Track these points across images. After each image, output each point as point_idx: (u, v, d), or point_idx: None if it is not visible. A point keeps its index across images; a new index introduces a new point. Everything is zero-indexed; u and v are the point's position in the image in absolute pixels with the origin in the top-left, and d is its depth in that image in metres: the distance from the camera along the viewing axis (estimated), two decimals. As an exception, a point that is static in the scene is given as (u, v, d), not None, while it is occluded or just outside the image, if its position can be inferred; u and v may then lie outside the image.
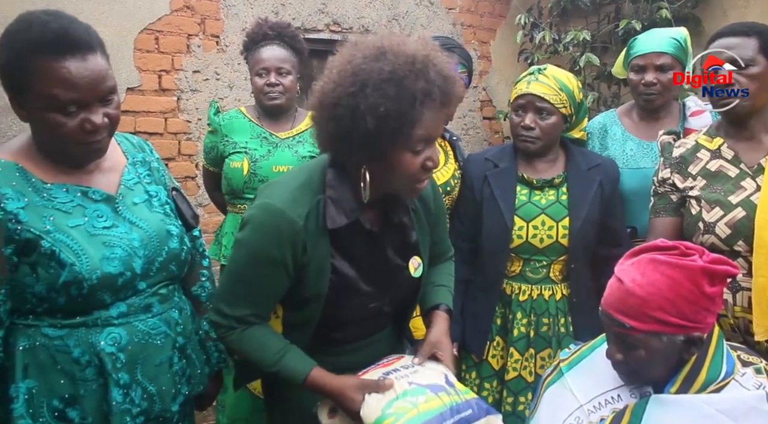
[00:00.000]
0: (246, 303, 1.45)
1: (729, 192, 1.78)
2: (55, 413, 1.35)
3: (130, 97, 3.39)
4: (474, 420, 1.41)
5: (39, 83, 1.28)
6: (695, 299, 1.29)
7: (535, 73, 2.09)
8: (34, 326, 1.36)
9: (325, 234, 1.43)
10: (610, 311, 1.35)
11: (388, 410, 1.37)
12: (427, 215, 1.62)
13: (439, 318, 1.63)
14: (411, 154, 1.35)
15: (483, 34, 4.82)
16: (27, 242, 1.30)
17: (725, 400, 1.28)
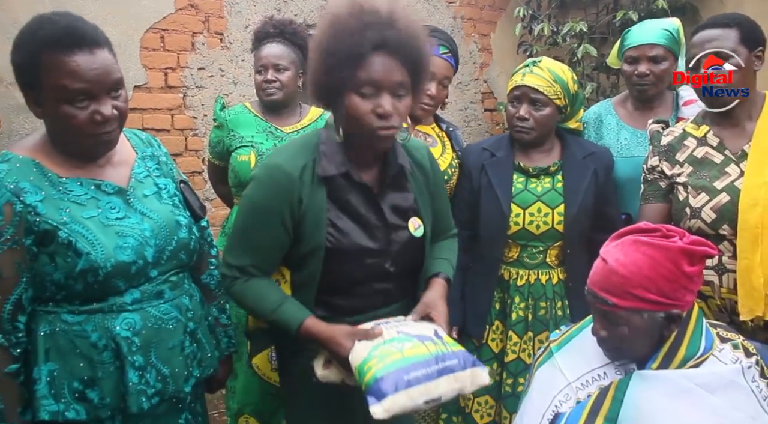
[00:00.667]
0: (247, 253, 1.56)
1: (714, 178, 1.84)
2: (76, 394, 1.42)
3: (137, 94, 3.47)
4: (459, 370, 1.46)
5: (50, 77, 1.36)
6: (675, 277, 1.37)
7: (529, 66, 2.16)
8: (54, 313, 1.44)
9: (321, 187, 1.53)
10: (594, 289, 1.43)
11: (373, 353, 1.43)
12: (425, 182, 1.70)
13: (436, 284, 1.67)
14: (359, 97, 1.45)
15: (483, 27, 4.87)
16: (45, 232, 1.38)
17: (703, 374, 1.36)
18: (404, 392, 1.38)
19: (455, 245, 1.89)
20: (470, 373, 1.48)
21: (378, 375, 1.39)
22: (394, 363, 1.41)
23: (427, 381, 1.41)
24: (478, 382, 1.50)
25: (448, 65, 2.27)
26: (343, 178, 1.55)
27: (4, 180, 1.37)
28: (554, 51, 4.47)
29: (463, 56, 4.77)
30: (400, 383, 1.38)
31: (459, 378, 1.47)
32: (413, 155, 1.70)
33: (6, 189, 1.37)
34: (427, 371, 1.42)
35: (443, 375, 1.44)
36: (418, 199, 1.67)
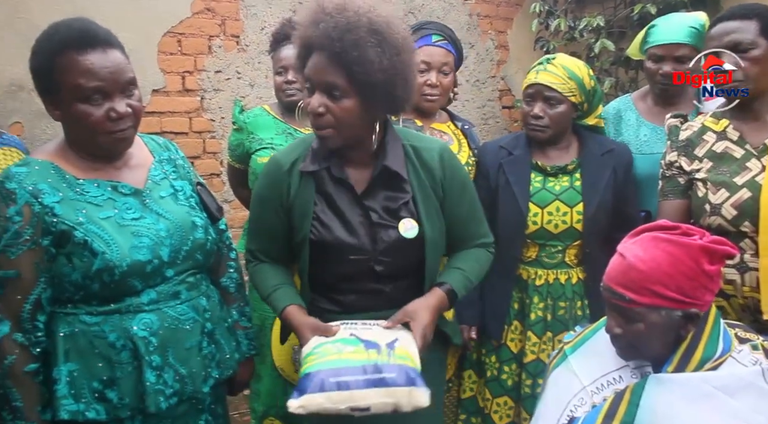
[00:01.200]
0: (254, 239, 1.74)
1: (734, 173, 1.81)
2: (95, 394, 1.45)
3: (155, 98, 3.50)
4: (394, 385, 1.38)
5: (66, 76, 1.41)
6: (694, 275, 1.34)
7: (543, 63, 2.14)
8: (73, 314, 1.47)
9: (309, 180, 1.62)
10: (611, 285, 1.40)
11: (316, 349, 1.45)
12: (432, 184, 1.65)
13: (431, 293, 1.62)
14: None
15: (500, 24, 4.83)
16: (62, 233, 1.42)
17: (722, 377, 1.33)
18: (325, 394, 1.36)
19: (483, 255, 1.78)
20: (408, 391, 1.39)
21: (308, 371, 1.40)
22: (327, 363, 1.40)
23: (354, 389, 1.37)
24: (416, 403, 1.39)
25: (443, 52, 2.26)
26: (328, 173, 1.61)
27: (23, 182, 1.41)
28: (572, 46, 4.43)
29: (479, 54, 4.75)
30: (324, 385, 1.36)
31: (393, 393, 1.38)
32: (421, 156, 1.66)
33: (25, 191, 1.41)
34: (356, 378, 1.37)
35: (375, 387, 1.37)
36: (419, 201, 1.63)
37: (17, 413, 1.40)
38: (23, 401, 1.41)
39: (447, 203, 1.69)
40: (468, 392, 2.38)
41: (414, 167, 1.65)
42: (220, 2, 3.63)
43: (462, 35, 4.62)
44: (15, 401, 1.40)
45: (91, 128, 1.44)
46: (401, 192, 1.63)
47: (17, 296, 1.41)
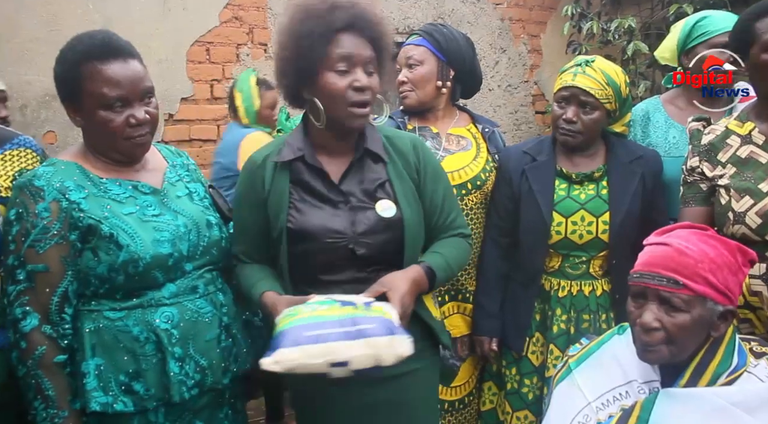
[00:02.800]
0: (237, 241, 1.72)
1: (760, 179, 1.71)
2: (122, 386, 1.49)
3: (184, 106, 3.55)
4: (374, 335, 1.33)
5: (90, 85, 1.50)
6: (735, 271, 1.31)
7: (582, 65, 2.04)
8: (97, 311, 1.52)
9: (283, 171, 1.63)
10: (658, 270, 1.31)
11: (289, 313, 1.41)
12: (407, 168, 1.69)
13: (409, 269, 1.58)
14: (334, 74, 1.54)
15: (533, 28, 4.76)
16: (89, 227, 1.49)
17: (738, 392, 1.25)
18: (300, 347, 1.30)
19: (462, 243, 1.78)
20: (388, 340, 1.34)
21: (281, 329, 1.36)
22: (302, 320, 1.35)
23: (331, 341, 1.31)
24: (398, 351, 1.35)
25: (410, 47, 2.25)
26: (302, 162, 1.63)
27: (51, 180, 1.49)
28: (607, 50, 4.33)
29: (511, 58, 4.68)
30: (299, 339, 1.31)
31: (374, 344, 1.33)
32: (395, 143, 1.72)
33: (53, 188, 1.48)
34: (333, 330, 1.32)
35: (354, 338, 1.32)
36: (395, 184, 1.65)
37: (49, 401, 1.45)
38: (55, 391, 1.45)
39: (423, 188, 1.70)
40: (488, 405, 2.32)
41: (389, 153, 1.69)
42: (248, 11, 3.67)
43: (493, 40, 4.57)
44: (48, 391, 1.45)
45: (112, 134, 1.53)
46: (377, 174, 1.66)
47: (46, 289, 1.47)
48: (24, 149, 1.72)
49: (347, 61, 1.53)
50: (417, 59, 2.20)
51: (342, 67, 1.53)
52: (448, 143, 2.26)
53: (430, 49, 2.22)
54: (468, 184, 2.20)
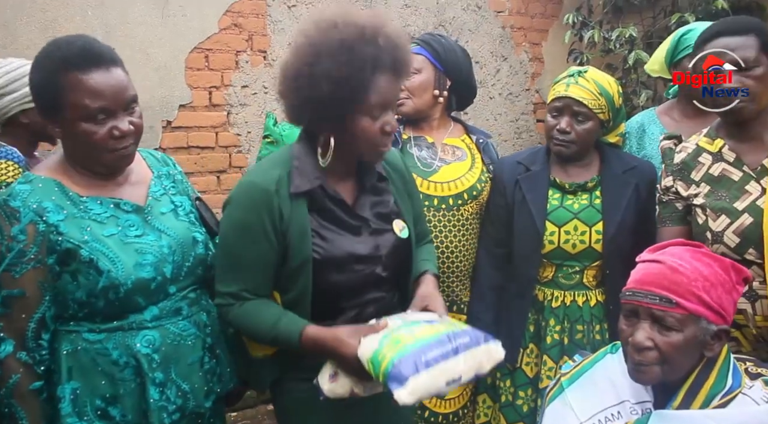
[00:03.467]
0: (238, 278, 1.52)
1: (734, 198, 1.68)
2: (98, 411, 1.45)
3: (182, 113, 3.53)
4: (473, 346, 1.41)
5: (70, 96, 1.41)
6: (729, 289, 1.29)
7: (575, 76, 2.04)
8: (76, 332, 1.46)
9: (301, 199, 1.51)
10: (651, 289, 1.29)
11: (385, 341, 1.36)
12: (404, 185, 1.70)
13: (427, 279, 1.67)
14: (369, 119, 1.47)
15: (534, 36, 4.73)
16: (68, 251, 1.41)
17: (732, 415, 1.22)
18: (426, 372, 1.32)
19: (433, 249, 1.89)
20: (485, 349, 1.44)
21: (395, 360, 1.32)
22: (409, 346, 1.34)
23: (445, 360, 1.35)
24: (495, 357, 1.45)
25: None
26: (319, 189, 1.54)
27: (27, 200, 1.41)
28: (609, 58, 4.30)
29: (513, 66, 4.65)
30: (419, 364, 1.31)
31: (475, 355, 1.42)
32: (389, 160, 1.70)
33: (29, 209, 1.40)
34: (443, 350, 1.37)
35: (460, 353, 1.39)
36: (399, 202, 1.66)
37: None
38: (28, 420, 1.41)
39: (411, 201, 1.73)
40: (483, 418, 2.29)
41: (387, 170, 1.67)
42: (248, 18, 3.66)
43: (494, 48, 4.55)
44: (21, 420, 1.40)
45: (95, 146, 1.44)
46: (386, 194, 1.64)
47: (22, 315, 1.41)
48: (5, 161, 1.67)
49: (383, 107, 1.48)
50: (415, 67, 2.18)
51: (377, 112, 1.47)
52: (443, 153, 2.25)
53: (428, 58, 2.21)
54: (464, 194, 2.18)
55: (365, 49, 1.41)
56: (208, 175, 3.64)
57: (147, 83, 3.33)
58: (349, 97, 1.43)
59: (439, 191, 2.17)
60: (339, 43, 1.41)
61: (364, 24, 1.43)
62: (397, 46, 1.47)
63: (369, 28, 1.43)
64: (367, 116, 1.46)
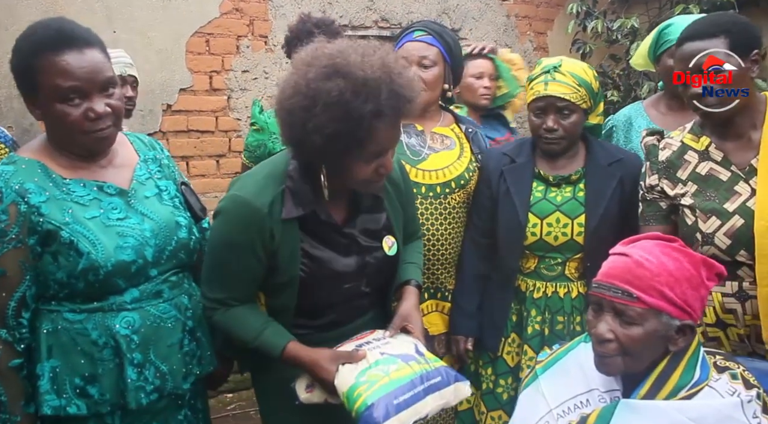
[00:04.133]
0: (222, 287, 1.56)
1: (724, 199, 1.68)
2: (77, 389, 1.48)
3: (182, 97, 3.56)
4: (443, 386, 1.49)
5: (44, 77, 1.42)
6: (697, 285, 1.30)
7: (551, 72, 2.02)
8: (56, 311, 1.49)
9: (292, 220, 1.51)
10: (614, 282, 1.31)
11: (361, 379, 1.43)
12: (398, 196, 1.70)
13: (409, 293, 1.69)
14: (364, 164, 1.44)
15: (539, 25, 4.71)
16: (48, 232, 1.44)
17: (697, 407, 1.24)
18: (395, 417, 1.39)
19: (421, 245, 1.92)
20: (453, 388, 1.52)
21: (369, 402, 1.40)
22: (383, 388, 1.42)
23: (415, 403, 1.44)
24: (461, 395, 1.54)
25: (422, 45, 2.18)
26: (312, 213, 1.52)
27: (9, 181, 1.43)
28: (613, 49, 4.28)
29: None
30: (390, 409, 1.39)
31: (444, 395, 1.50)
32: None
33: (11, 190, 1.42)
34: (414, 392, 1.44)
35: (429, 394, 1.47)
36: (391, 217, 1.67)
37: (2, 406, 1.44)
38: (7, 396, 1.44)
39: (404, 207, 1.73)
40: (465, 404, 2.31)
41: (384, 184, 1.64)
42: (249, 3, 3.67)
43: (498, 37, 4.53)
44: (0, 396, 1.44)
45: (70, 128, 1.45)
46: (379, 212, 1.65)
47: (2, 294, 1.43)
48: None
49: (380, 153, 1.44)
50: (432, 60, 2.18)
51: (372, 158, 1.44)
52: (432, 141, 2.25)
53: (441, 52, 2.21)
54: (452, 182, 2.19)
55: (364, 105, 1.33)
56: (207, 159, 3.68)
57: (148, 66, 3.37)
58: (343, 149, 1.39)
59: (427, 179, 2.18)
60: (337, 97, 1.32)
61: (367, 76, 1.34)
62: (401, 96, 1.39)
63: (372, 82, 1.34)
64: (363, 162, 1.43)
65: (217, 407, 3.64)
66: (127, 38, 3.34)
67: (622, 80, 4.18)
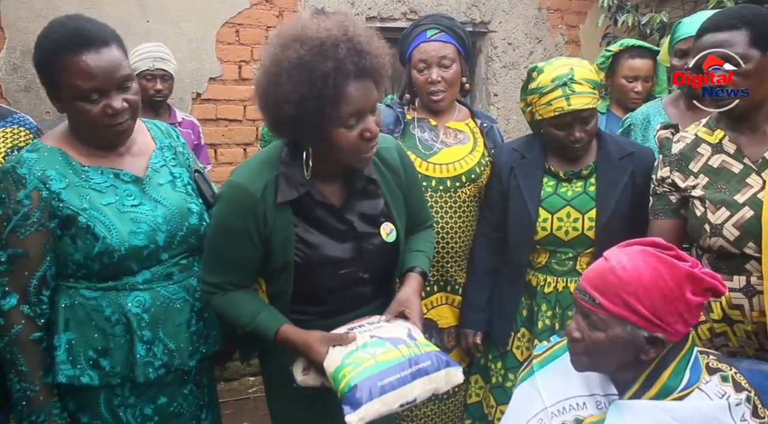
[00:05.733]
0: (219, 271, 1.60)
1: (734, 190, 1.66)
2: (90, 361, 1.58)
3: (212, 86, 3.64)
4: (433, 371, 1.47)
5: (65, 77, 1.50)
6: (672, 299, 1.26)
7: (568, 85, 1.96)
8: (74, 288, 1.59)
9: (286, 205, 1.54)
10: (584, 285, 1.33)
11: (347, 360, 1.44)
12: (398, 183, 1.69)
13: (411, 279, 1.69)
14: (344, 129, 1.44)
15: (571, 18, 4.64)
16: (67, 217, 1.53)
17: (683, 408, 1.24)
18: (379, 399, 1.40)
19: (431, 234, 1.90)
20: (444, 373, 1.50)
21: (352, 383, 1.41)
22: (368, 370, 1.42)
23: (401, 386, 1.43)
24: (453, 381, 1.51)
25: (439, 45, 2.17)
26: (306, 196, 1.55)
27: (33, 168, 1.53)
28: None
29: (547, 49, 4.58)
30: (374, 390, 1.39)
31: (433, 379, 1.48)
32: (384, 158, 1.68)
33: (34, 177, 1.52)
34: (400, 375, 1.43)
35: (417, 378, 1.45)
36: (390, 203, 1.67)
37: (22, 376, 1.55)
38: (27, 366, 1.55)
39: (408, 196, 1.73)
40: (474, 397, 2.34)
41: (380, 170, 1.66)
42: (279, -7, 3.72)
43: (529, 29, 4.49)
44: (20, 366, 1.54)
45: (90, 123, 1.54)
46: (375, 197, 1.65)
47: (25, 272, 1.54)
48: (18, 127, 1.79)
49: (358, 114, 1.44)
50: (451, 58, 2.18)
51: (352, 121, 1.44)
52: (445, 136, 2.27)
53: (457, 48, 2.22)
54: (462, 176, 2.21)
55: (323, 65, 1.36)
56: (234, 147, 3.75)
57: (178, 56, 3.44)
58: (317, 113, 1.40)
59: (438, 173, 2.20)
60: (297, 61, 1.37)
61: (322, 37, 1.38)
62: (362, 51, 1.41)
63: (328, 41, 1.38)
64: (342, 127, 1.43)
65: (239, 389, 3.74)
66: (160, 28, 3.43)
67: (654, 75, 4.09)
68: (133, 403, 1.63)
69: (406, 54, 2.25)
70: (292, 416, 1.70)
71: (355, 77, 1.40)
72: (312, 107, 1.39)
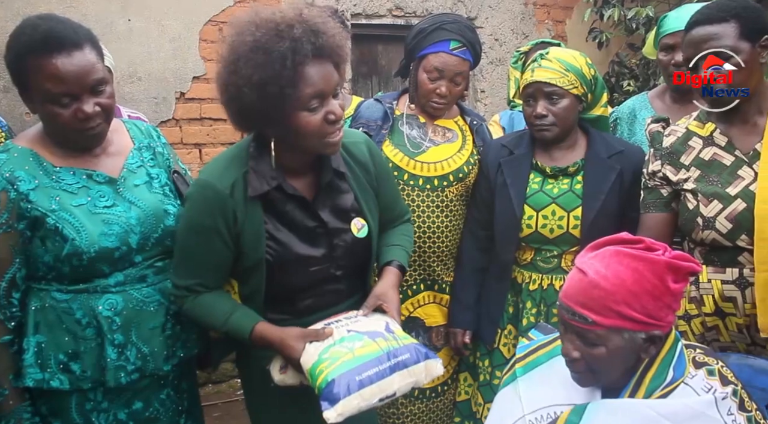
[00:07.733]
0: (190, 273, 1.56)
1: (726, 183, 1.65)
2: (60, 365, 1.55)
3: (195, 85, 3.60)
4: (412, 364, 1.46)
5: (34, 80, 1.47)
6: (660, 294, 1.25)
7: (537, 60, 2.02)
8: (45, 290, 1.56)
9: (256, 202, 1.51)
10: (570, 305, 1.30)
11: (324, 355, 1.42)
12: (368, 178, 1.68)
13: (388, 272, 1.67)
14: (307, 112, 1.42)
15: (558, 13, 4.64)
16: (36, 219, 1.51)
17: (670, 404, 1.22)
18: (357, 393, 1.37)
19: (409, 228, 1.88)
20: (424, 366, 1.48)
21: (329, 378, 1.38)
22: (346, 364, 1.40)
23: (380, 379, 1.41)
24: (433, 373, 1.50)
25: (459, 61, 2.14)
26: (277, 190, 1.52)
27: (1, 169, 1.50)
28: (632, 38, 4.20)
29: (534, 44, 4.59)
30: (352, 385, 1.37)
31: (413, 372, 1.47)
32: (352, 153, 1.66)
33: (2, 178, 1.49)
34: (379, 368, 1.42)
35: (396, 371, 1.44)
36: (360, 198, 1.65)
37: None
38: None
39: (379, 192, 1.71)
40: (463, 395, 2.33)
41: (349, 165, 1.64)
42: (262, -9, 3.68)
43: (515, 25, 4.48)
44: None
45: (62, 126, 1.51)
46: (345, 192, 1.63)
47: None
48: None
49: (320, 96, 1.42)
50: (463, 77, 2.19)
51: (315, 103, 1.42)
52: (434, 134, 2.25)
53: (470, 62, 2.21)
54: (450, 176, 2.19)
55: (280, 45, 1.36)
56: (220, 146, 3.71)
57: (161, 55, 3.41)
58: (278, 97, 1.38)
59: (425, 171, 2.18)
60: (253, 44, 1.37)
61: (277, 19, 1.38)
62: (318, 32, 1.41)
63: (282, 22, 1.38)
64: (305, 111, 1.42)
65: (227, 391, 3.72)
66: (142, 27, 3.39)
67: (640, 70, 4.10)
68: (106, 408, 1.60)
69: (419, 51, 2.17)
70: (271, 417, 1.68)
71: (313, 57, 1.40)
72: (273, 91, 1.37)
